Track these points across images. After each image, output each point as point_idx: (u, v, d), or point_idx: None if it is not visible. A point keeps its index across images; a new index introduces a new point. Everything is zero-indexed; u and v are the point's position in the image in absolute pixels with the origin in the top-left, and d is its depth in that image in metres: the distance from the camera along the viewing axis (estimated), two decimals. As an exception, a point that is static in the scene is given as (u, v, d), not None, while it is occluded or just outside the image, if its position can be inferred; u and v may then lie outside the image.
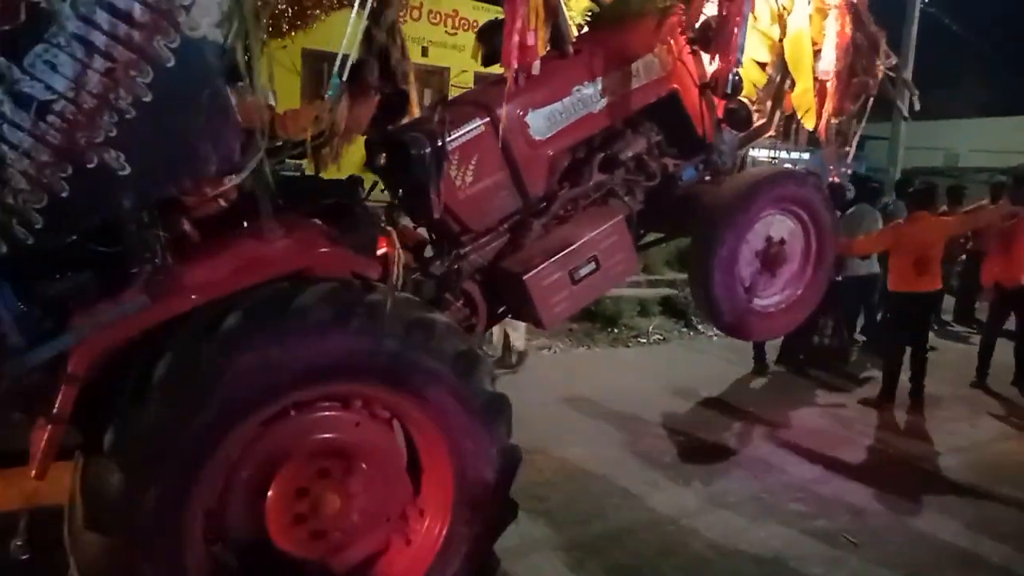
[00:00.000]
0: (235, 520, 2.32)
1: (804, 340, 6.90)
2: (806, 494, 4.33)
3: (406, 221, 3.31)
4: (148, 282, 2.14)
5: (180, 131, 2.17)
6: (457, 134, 3.02)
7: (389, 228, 2.74)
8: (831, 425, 5.68)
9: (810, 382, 6.78)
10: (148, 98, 2.07)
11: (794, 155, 14.46)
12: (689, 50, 3.60)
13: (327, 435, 2.41)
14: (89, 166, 2.04)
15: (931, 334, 6.53)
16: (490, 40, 3.31)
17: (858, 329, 7.82)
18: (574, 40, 3.47)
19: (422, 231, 3.37)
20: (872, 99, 3.89)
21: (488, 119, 3.11)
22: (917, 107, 4.15)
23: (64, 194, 2.03)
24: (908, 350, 6.03)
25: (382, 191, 3.30)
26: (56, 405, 2.03)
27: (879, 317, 7.51)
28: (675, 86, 3.61)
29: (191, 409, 2.10)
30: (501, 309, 3.37)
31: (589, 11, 3.82)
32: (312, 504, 2.37)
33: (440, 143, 2.88)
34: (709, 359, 7.47)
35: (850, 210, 6.96)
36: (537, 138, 3.27)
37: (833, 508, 4.17)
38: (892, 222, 6.62)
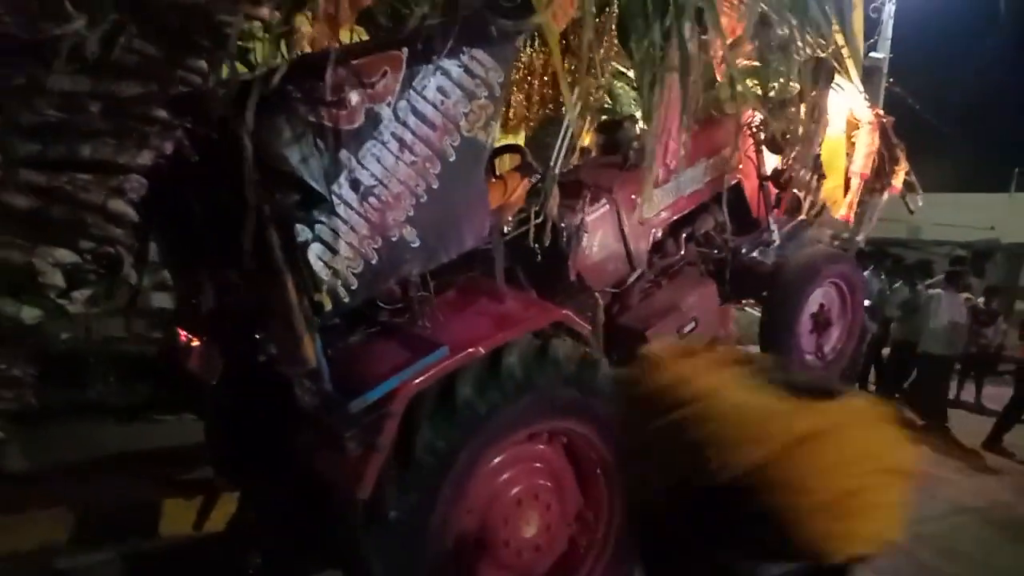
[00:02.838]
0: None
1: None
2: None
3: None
4: (435, 335, 2.68)
5: (453, 212, 2.78)
6: (590, 211, 3.68)
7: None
8: None
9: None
10: (436, 185, 2.69)
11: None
12: (755, 148, 4.41)
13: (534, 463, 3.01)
14: (392, 239, 2.62)
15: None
16: (612, 135, 4.04)
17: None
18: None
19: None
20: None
21: (611, 199, 3.79)
22: (919, 204, 5.15)
23: (374, 261, 2.59)
24: None
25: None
26: (381, 437, 2.53)
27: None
28: (740, 177, 4.41)
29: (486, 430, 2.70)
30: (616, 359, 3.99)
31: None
32: (522, 518, 2.95)
33: (579, 218, 3.54)
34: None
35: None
36: (645, 216, 3.98)
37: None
38: None
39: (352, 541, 2.71)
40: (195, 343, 3.00)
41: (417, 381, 2.59)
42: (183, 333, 3.07)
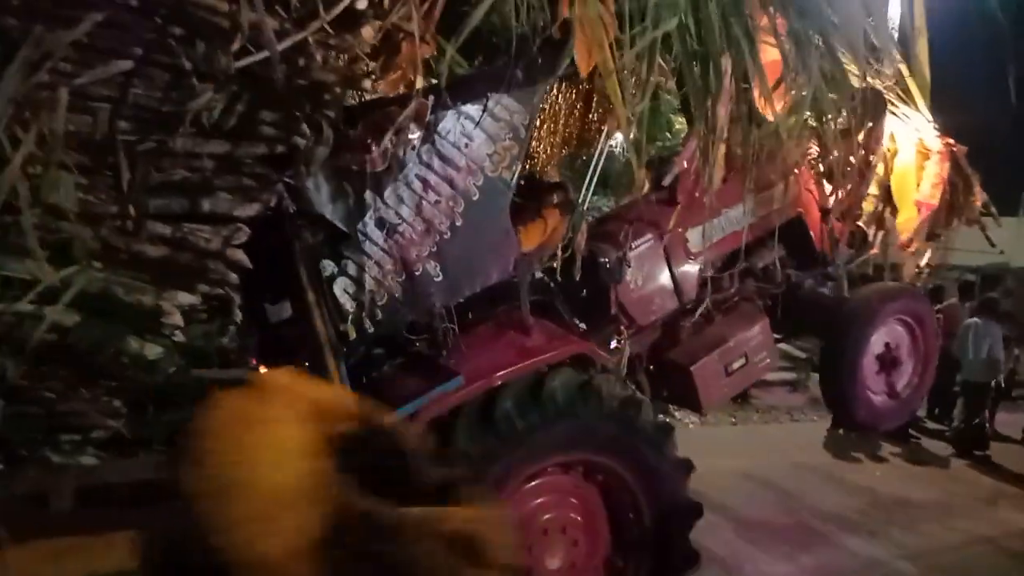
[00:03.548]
0: None
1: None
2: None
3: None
4: (455, 364, 2.88)
5: (477, 248, 2.98)
6: (634, 245, 3.84)
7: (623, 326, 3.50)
8: (841, 517, 5.75)
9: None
10: (459, 223, 2.90)
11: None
12: (815, 181, 4.47)
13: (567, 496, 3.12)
14: (416, 273, 2.84)
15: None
16: (659, 170, 4.18)
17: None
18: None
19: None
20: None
21: (657, 234, 3.93)
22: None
23: (397, 294, 2.82)
24: None
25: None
26: None
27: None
28: (800, 210, 4.47)
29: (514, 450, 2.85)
30: (664, 393, 4.11)
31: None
32: (547, 548, 3.06)
33: (623, 252, 3.69)
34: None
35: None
36: (693, 250, 4.09)
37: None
38: None
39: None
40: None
41: (433, 408, 2.77)
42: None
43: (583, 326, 3.71)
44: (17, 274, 2.05)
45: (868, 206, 4.73)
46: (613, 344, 3.57)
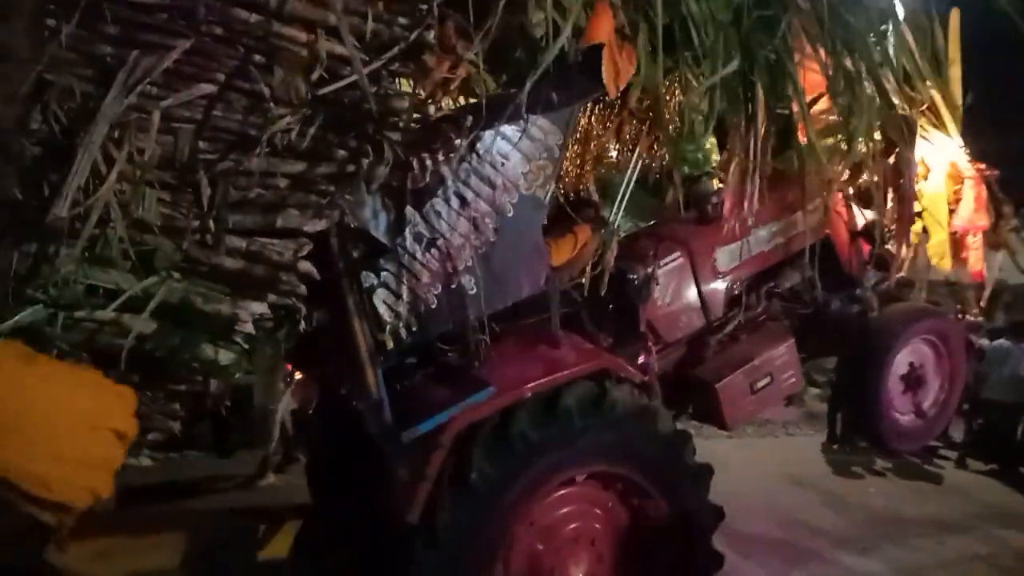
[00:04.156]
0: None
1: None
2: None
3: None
4: (486, 375, 2.99)
5: (510, 263, 3.13)
6: (663, 263, 3.96)
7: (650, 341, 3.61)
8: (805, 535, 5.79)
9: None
10: (494, 238, 3.04)
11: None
12: (844, 203, 4.57)
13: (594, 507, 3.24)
14: (451, 286, 2.98)
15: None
16: (690, 190, 4.31)
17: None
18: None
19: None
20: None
21: (686, 252, 4.05)
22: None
23: (433, 306, 2.95)
24: None
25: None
26: (430, 467, 2.85)
27: None
28: (828, 232, 4.57)
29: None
30: (689, 410, 4.21)
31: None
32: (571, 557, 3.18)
33: (651, 270, 3.81)
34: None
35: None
36: (721, 269, 4.20)
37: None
38: None
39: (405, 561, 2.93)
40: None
41: (465, 416, 2.88)
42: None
43: (608, 340, 3.84)
44: (102, 283, 2.19)
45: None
46: (641, 359, 3.66)
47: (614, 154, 4.94)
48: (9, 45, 1.93)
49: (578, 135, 4.65)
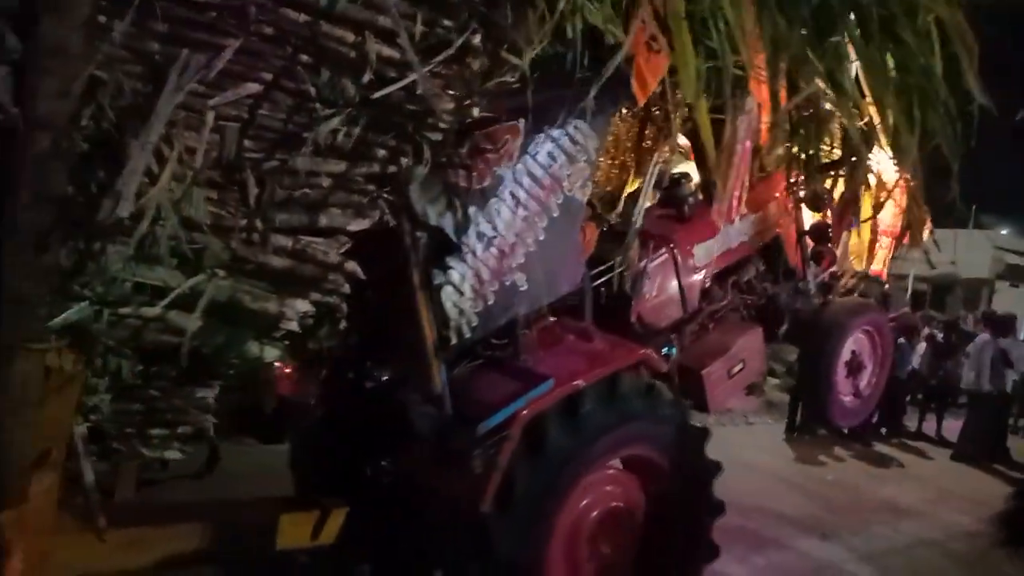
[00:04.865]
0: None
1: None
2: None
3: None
4: (543, 369, 3.16)
5: (554, 260, 3.31)
6: (652, 258, 4.22)
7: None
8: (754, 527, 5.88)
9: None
10: (542, 237, 3.22)
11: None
12: (794, 205, 5.01)
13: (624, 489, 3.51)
14: (506, 284, 3.14)
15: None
16: (670, 190, 4.60)
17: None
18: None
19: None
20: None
21: (670, 249, 4.33)
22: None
23: (490, 302, 3.10)
24: None
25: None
26: (501, 457, 2.97)
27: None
28: (780, 231, 5.00)
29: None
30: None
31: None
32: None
33: (643, 264, 4.07)
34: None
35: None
36: (698, 264, 4.52)
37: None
38: None
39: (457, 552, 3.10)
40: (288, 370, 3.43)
41: (530, 409, 3.05)
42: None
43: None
44: (149, 281, 2.20)
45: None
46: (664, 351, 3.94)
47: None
48: (64, 41, 1.91)
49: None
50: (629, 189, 4.89)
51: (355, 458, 3.69)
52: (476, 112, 2.56)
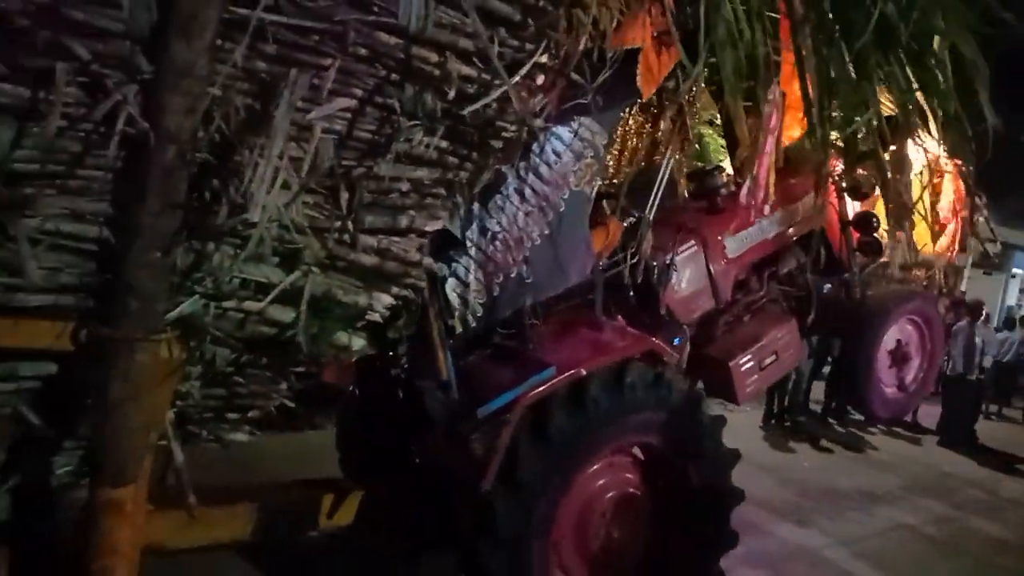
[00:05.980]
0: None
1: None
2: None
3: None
4: (546, 356, 3.40)
5: (561, 253, 3.54)
6: (679, 251, 4.45)
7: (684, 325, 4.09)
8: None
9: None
10: (547, 231, 3.45)
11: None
12: (837, 194, 5.17)
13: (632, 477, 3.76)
14: (511, 276, 3.38)
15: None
16: (702, 182, 4.79)
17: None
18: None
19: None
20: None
21: (699, 240, 4.54)
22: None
23: (495, 294, 3.35)
24: None
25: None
26: (500, 440, 3.22)
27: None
28: (821, 222, 5.17)
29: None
30: (701, 386, 4.74)
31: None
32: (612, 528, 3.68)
33: (669, 257, 4.29)
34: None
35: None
36: (730, 256, 4.73)
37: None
38: None
39: (469, 529, 3.30)
40: None
41: (531, 394, 3.29)
42: None
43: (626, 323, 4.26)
44: (253, 277, 2.50)
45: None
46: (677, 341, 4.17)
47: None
48: (192, 62, 2.18)
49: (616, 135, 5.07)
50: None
51: (395, 441, 3.99)
52: (539, 123, 2.79)
